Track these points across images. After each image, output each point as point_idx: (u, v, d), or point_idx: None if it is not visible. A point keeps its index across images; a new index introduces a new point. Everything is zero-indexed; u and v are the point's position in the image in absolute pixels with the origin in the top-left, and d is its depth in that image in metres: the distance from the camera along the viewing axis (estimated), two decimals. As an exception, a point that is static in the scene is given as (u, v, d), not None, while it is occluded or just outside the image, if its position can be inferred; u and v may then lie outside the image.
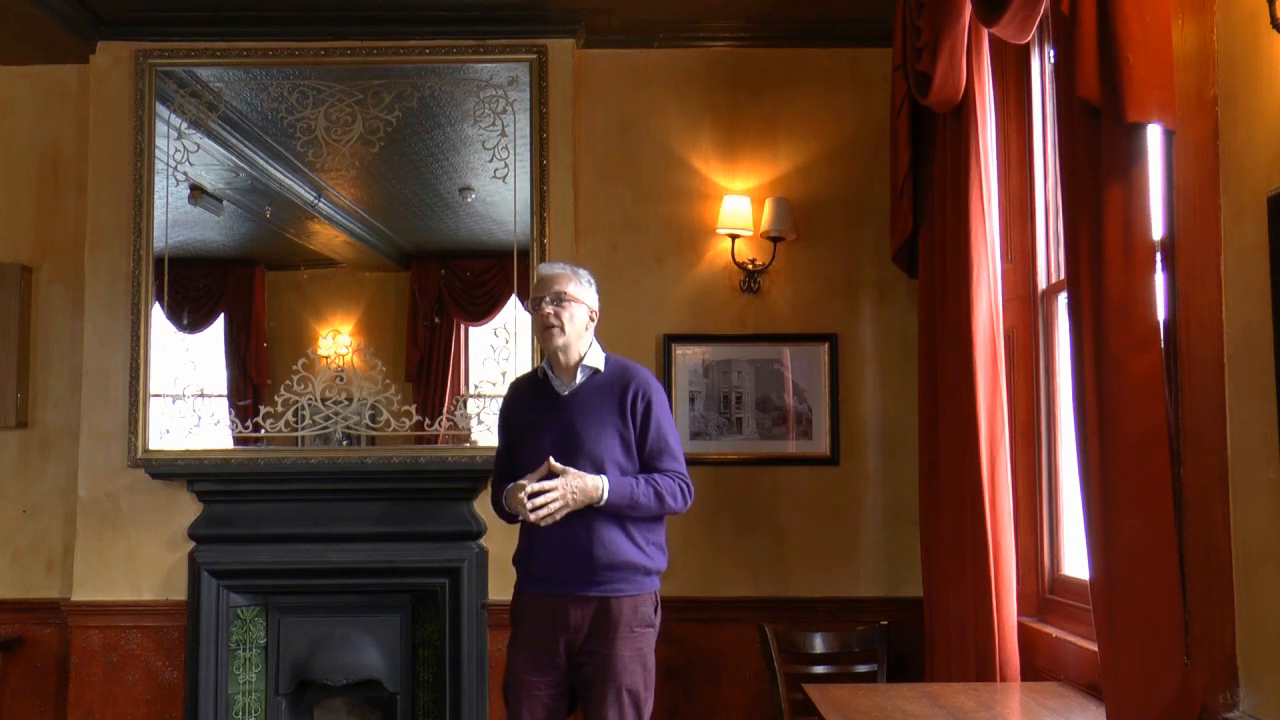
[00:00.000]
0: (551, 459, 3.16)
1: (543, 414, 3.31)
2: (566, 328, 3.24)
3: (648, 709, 3.21)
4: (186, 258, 4.66)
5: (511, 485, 3.21)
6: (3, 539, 4.65)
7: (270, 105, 4.65)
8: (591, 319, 3.33)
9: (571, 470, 3.14)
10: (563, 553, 3.19)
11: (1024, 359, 3.74)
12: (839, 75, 4.72)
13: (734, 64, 4.74)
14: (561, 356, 3.29)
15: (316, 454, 4.54)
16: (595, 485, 3.13)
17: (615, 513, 3.18)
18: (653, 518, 3.26)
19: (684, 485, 3.26)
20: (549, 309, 3.24)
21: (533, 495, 3.11)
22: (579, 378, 3.30)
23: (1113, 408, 2.53)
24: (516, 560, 3.35)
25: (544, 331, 3.27)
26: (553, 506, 3.11)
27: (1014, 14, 3.02)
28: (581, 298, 3.29)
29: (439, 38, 4.62)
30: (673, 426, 3.34)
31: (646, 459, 3.26)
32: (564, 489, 3.11)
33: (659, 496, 3.19)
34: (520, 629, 3.30)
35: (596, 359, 3.32)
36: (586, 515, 3.16)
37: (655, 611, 3.27)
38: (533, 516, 3.12)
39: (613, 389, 3.27)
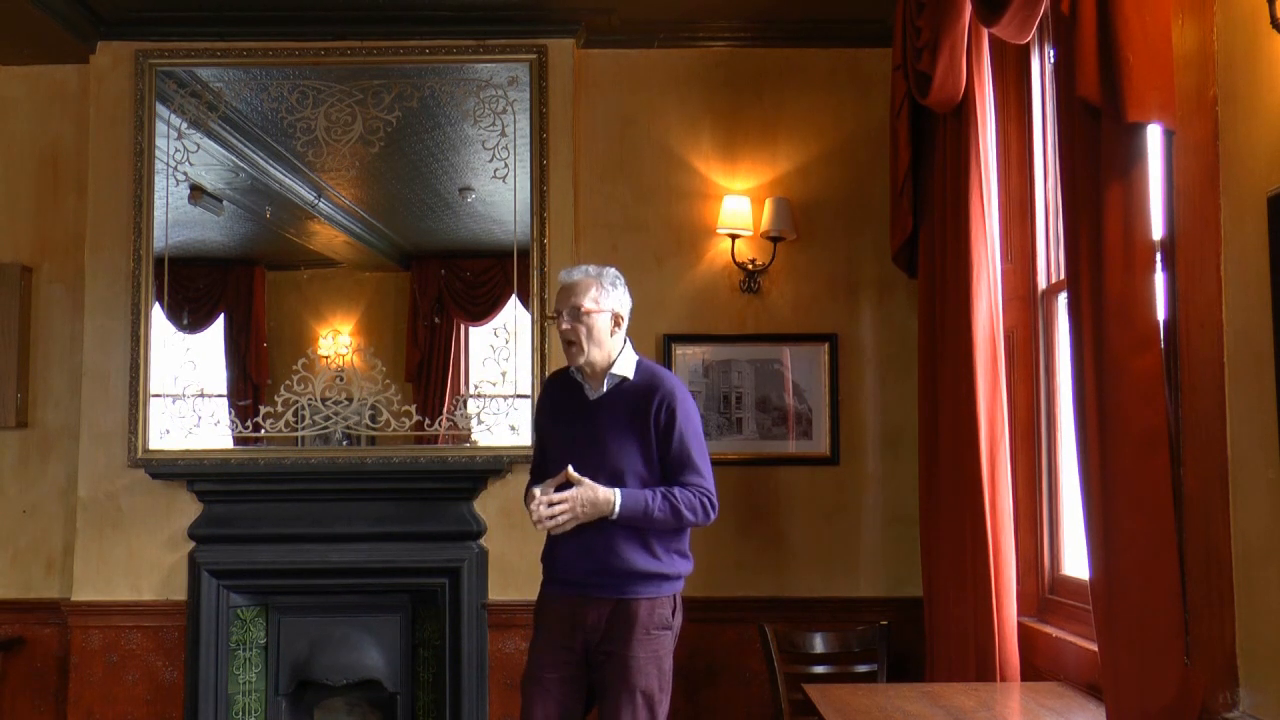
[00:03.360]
0: (570, 469, 3.14)
1: (571, 418, 3.30)
2: (585, 344, 3.20)
3: (662, 710, 3.20)
4: (186, 258, 4.66)
5: (530, 490, 3.22)
6: (3, 539, 4.65)
7: (270, 105, 4.65)
8: (617, 324, 3.26)
9: (587, 482, 3.12)
10: (581, 559, 3.20)
11: (1024, 359, 3.74)
12: (839, 75, 4.72)
13: (734, 64, 4.73)
14: (587, 369, 3.26)
15: (316, 454, 4.54)
16: (607, 499, 3.11)
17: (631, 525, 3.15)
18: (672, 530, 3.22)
19: (705, 500, 3.18)
20: (566, 325, 3.21)
21: (546, 504, 3.10)
22: (606, 385, 3.26)
23: (1113, 408, 2.53)
24: (542, 559, 3.37)
25: (565, 348, 3.25)
26: (561, 518, 3.10)
27: (1014, 14, 3.02)
28: (602, 306, 3.22)
29: (439, 38, 4.62)
30: (698, 438, 3.25)
31: (669, 472, 3.20)
32: (574, 501, 3.10)
33: (675, 512, 3.13)
34: (540, 628, 3.31)
35: (625, 367, 3.26)
36: (604, 526, 3.14)
37: (674, 614, 3.24)
38: (539, 526, 3.13)
39: (639, 399, 3.22)
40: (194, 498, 4.51)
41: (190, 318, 4.68)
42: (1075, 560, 3.49)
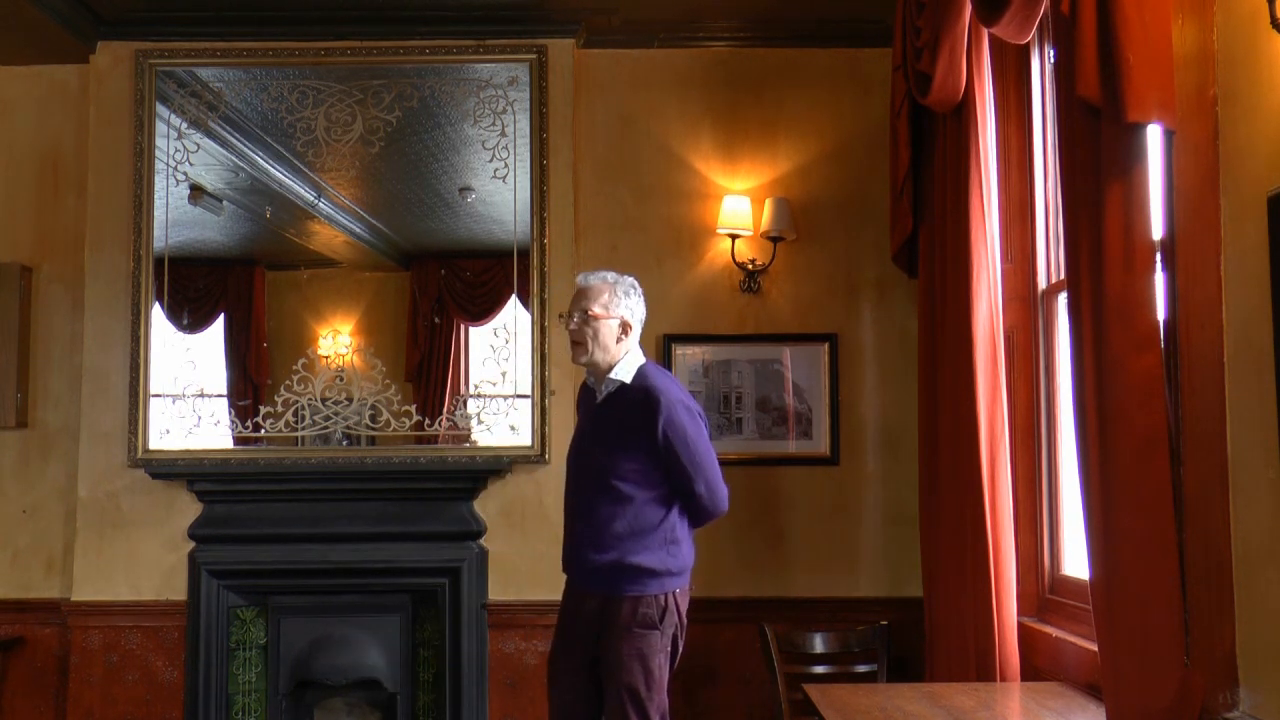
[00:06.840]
0: None
1: (586, 415, 3.46)
2: (589, 345, 3.29)
3: (654, 707, 3.23)
4: (186, 258, 4.66)
5: None
6: (3, 539, 4.65)
7: (270, 105, 4.65)
8: (625, 331, 3.32)
9: None
10: (576, 552, 3.34)
11: (1024, 359, 3.74)
12: (839, 75, 4.72)
13: (734, 64, 4.73)
14: (590, 369, 3.37)
15: (316, 454, 4.54)
16: None
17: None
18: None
19: (703, 511, 3.35)
20: (574, 326, 3.32)
21: None
22: (606, 389, 3.34)
23: (1113, 408, 2.53)
24: None
25: (571, 346, 3.36)
26: None
27: (1014, 14, 3.02)
28: (611, 313, 3.30)
29: (439, 38, 4.61)
30: (693, 445, 3.26)
31: (674, 482, 3.27)
32: None
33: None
34: (558, 617, 3.45)
35: (624, 372, 3.32)
36: (593, 516, 3.25)
37: (664, 615, 3.26)
38: None
39: (632, 408, 3.27)
40: (194, 498, 4.51)
41: (190, 318, 4.68)
42: (1075, 560, 3.49)
